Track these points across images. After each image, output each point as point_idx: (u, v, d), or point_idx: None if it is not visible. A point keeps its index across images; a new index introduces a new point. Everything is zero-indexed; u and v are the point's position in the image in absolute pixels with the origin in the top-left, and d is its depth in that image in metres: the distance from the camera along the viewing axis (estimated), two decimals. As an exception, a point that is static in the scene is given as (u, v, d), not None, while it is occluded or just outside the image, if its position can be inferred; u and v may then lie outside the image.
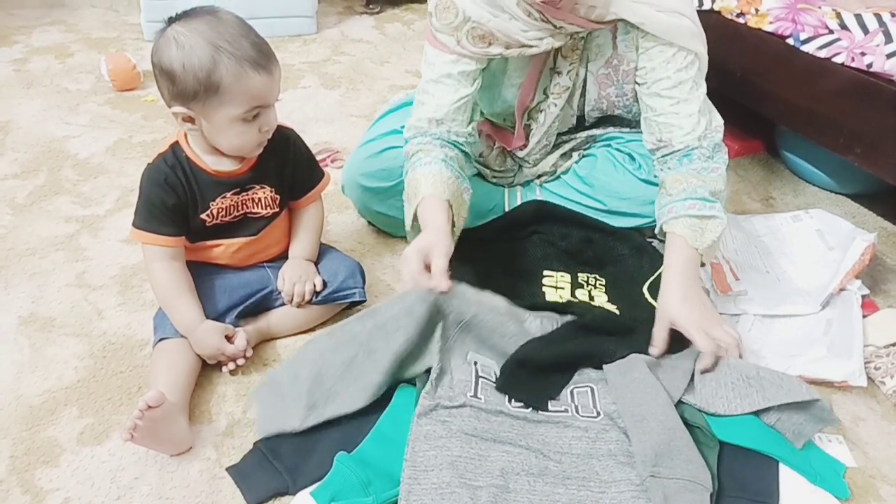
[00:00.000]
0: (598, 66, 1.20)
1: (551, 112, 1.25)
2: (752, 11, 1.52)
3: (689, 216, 1.09)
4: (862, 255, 1.23)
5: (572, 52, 1.18)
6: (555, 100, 1.24)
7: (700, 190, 1.10)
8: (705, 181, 1.11)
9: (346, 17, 2.68)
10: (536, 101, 1.25)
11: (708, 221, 1.09)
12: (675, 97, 1.14)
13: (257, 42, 0.96)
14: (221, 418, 1.00)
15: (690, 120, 1.13)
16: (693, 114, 1.13)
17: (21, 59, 2.13)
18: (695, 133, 1.13)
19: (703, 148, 1.13)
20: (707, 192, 1.10)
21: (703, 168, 1.13)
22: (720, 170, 1.13)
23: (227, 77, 0.93)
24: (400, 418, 0.96)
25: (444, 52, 1.15)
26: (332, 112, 1.93)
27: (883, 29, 1.30)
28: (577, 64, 1.20)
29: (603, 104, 1.25)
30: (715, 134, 1.15)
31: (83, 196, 1.50)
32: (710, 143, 1.14)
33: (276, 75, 0.98)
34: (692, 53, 1.13)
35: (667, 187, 1.14)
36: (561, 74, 1.21)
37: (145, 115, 1.83)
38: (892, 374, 1.10)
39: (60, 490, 0.90)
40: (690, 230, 1.09)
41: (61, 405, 1.01)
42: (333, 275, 1.15)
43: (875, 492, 0.95)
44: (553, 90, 1.23)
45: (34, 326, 1.15)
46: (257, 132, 1.01)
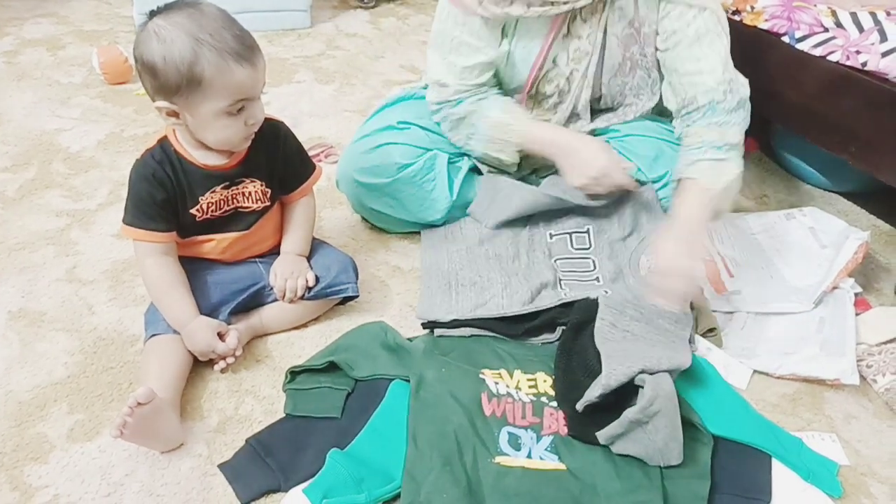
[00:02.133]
0: (621, 28, 1.19)
1: (574, 79, 1.25)
2: (747, 9, 1.52)
3: (703, 160, 1.12)
4: (855, 254, 1.23)
5: (592, 16, 1.18)
6: (576, 66, 1.23)
7: (717, 140, 1.12)
8: (724, 133, 1.12)
9: (340, 11, 2.67)
10: (545, 70, 1.25)
11: (722, 164, 1.11)
12: (697, 55, 1.14)
13: (240, 34, 0.95)
14: (213, 415, 1.00)
15: (714, 75, 1.14)
16: (716, 69, 1.13)
17: (12, 52, 2.11)
18: (720, 87, 1.13)
19: (727, 101, 1.14)
20: (723, 142, 1.12)
21: (724, 121, 1.13)
22: (740, 125, 1.14)
23: (209, 70, 0.92)
24: (393, 415, 0.96)
25: (464, 13, 1.15)
26: (325, 107, 1.92)
27: (878, 27, 1.30)
28: (597, 28, 1.19)
29: (626, 66, 1.24)
30: (741, 88, 1.15)
31: (74, 190, 1.49)
32: (734, 97, 1.14)
33: (260, 67, 0.97)
34: (712, 12, 1.13)
35: (686, 141, 1.15)
36: (581, 38, 1.21)
37: (137, 109, 1.82)
38: (885, 372, 1.11)
39: (50, 487, 0.89)
40: (702, 172, 1.11)
41: (51, 401, 1.01)
42: (326, 270, 1.15)
43: (866, 489, 0.96)
44: (573, 55, 1.23)
45: (24, 321, 1.14)
46: (243, 125, 0.99)
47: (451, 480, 0.86)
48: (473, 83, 1.25)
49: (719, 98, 1.13)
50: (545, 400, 1.00)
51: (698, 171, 1.12)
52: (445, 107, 1.27)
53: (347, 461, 0.89)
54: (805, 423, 1.05)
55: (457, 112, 1.26)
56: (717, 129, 1.13)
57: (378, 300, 1.23)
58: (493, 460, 0.90)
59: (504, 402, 0.98)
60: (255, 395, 1.03)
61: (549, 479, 0.89)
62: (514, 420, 0.96)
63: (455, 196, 1.31)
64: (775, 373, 1.11)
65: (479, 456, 0.91)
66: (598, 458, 0.92)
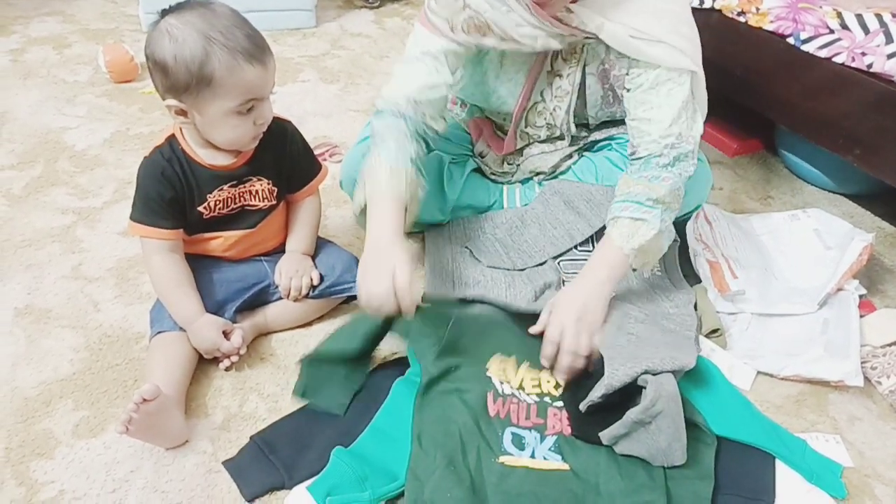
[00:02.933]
0: (596, 66, 1.19)
1: (558, 116, 1.25)
2: (752, 10, 1.52)
3: (621, 217, 1.09)
4: (860, 256, 1.23)
5: (571, 56, 1.18)
6: (559, 103, 1.23)
7: (641, 196, 1.08)
8: (650, 188, 1.08)
9: (345, 11, 2.67)
10: (532, 102, 1.25)
11: (639, 224, 1.07)
12: (650, 102, 1.10)
13: (251, 34, 0.95)
14: (218, 412, 1.00)
15: (660, 126, 1.09)
16: (664, 120, 1.09)
17: (18, 50, 2.12)
18: (661, 142, 1.09)
19: (664, 157, 1.09)
20: (646, 197, 1.08)
21: (654, 176, 1.09)
22: (672, 180, 1.09)
23: (219, 69, 0.92)
24: (397, 414, 0.96)
25: (433, 35, 1.12)
26: (330, 106, 1.92)
27: (884, 29, 1.30)
28: (576, 67, 1.19)
29: (609, 97, 1.23)
30: (684, 144, 1.10)
31: (80, 188, 1.49)
32: (674, 153, 1.09)
33: (270, 67, 0.97)
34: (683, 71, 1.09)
35: (617, 190, 1.12)
36: (562, 77, 1.20)
37: (143, 108, 1.83)
38: (889, 373, 1.10)
39: (55, 482, 0.89)
40: (618, 230, 1.08)
41: (56, 397, 1.01)
42: (330, 269, 1.15)
43: (871, 491, 0.96)
44: (556, 93, 1.22)
45: (30, 318, 1.15)
46: (252, 125, 1.00)
47: (455, 480, 0.86)
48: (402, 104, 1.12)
49: (657, 152, 1.10)
50: (549, 400, 1.00)
51: (615, 228, 1.09)
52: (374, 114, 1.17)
53: (351, 459, 0.89)
54: (809, 424, 1.05)
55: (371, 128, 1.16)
56: (646, 184, 1.09)
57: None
58: (497, 460, 0.91)
59: (509, 402, 0.99)
60: (260, 393, 1.04)
61: (552, 479, 0.89)
62: (518, 421, 0.97)
63: (457, 196, 1.31)
64: (779, 374, 1.11)
65: (483, 456, 0.91)
66: (602, 459, 0.92)
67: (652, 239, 1.07)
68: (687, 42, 1.09)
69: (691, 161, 1.11)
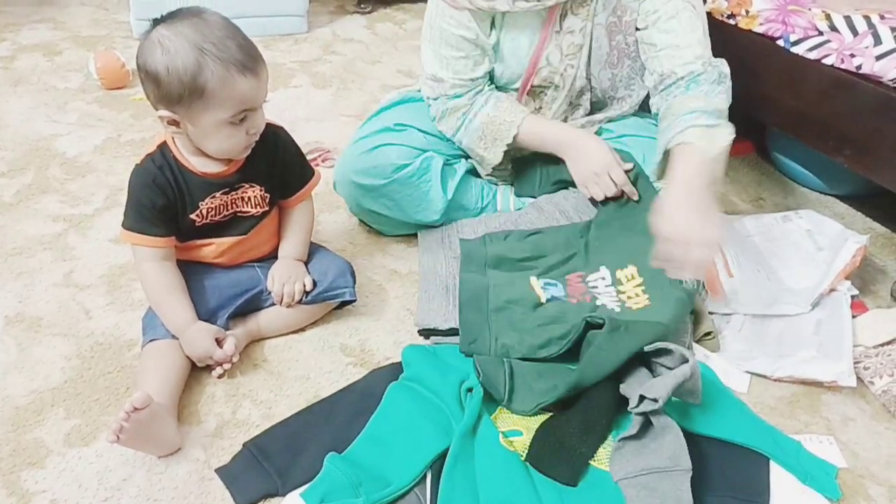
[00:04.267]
0: (605, 16, 1.20)
1: (568, 75, 1.26)
2: (742, 13, 1.53)
3: (695, 126, 1.09)
4: (853, 257, 1.23)
5: (581, 8, 1.18)
6: (570, 61, 1.24)
7: (706, 106, 1.10)
8: (710, 101, 1.11)
9: (337, 16, 2.68)
10: (540, 67, 1.26)
11: (715, 129, 1.09)
12: (675, 29, 1.13)
13: (244, 44, 0.95)
14: (210, 419, 1.00)
15: (692, 49, 1.13)
16: (693, 43, 1.13)
17: (9, 57, 2.11)
18: (699, 59, 1.13)
19: (708, 73, 1.13)
20: (713, 107, 1.10)
21: (708, 91, 1.12)
22: (723, 95, 1.13)
23: (212, 81, 0.92)
24: (390, 419, 0.96)
25: (453, 7, 1.15)
26: (322, 112, 1.92)
27: (872, 31, 1.31)
28: (587, 19, 1.20)
29: (614, 56, 1.25)
30: (721, 64, 1.14)
31: (71, 195, 1.48)
32: (715, 70, 1.13)
33: (263, 77, 0.97)
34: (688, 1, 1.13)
35: (672, 111, 1.13)
36: (573, 33, 1.21)
37: (134, 114, 1.82)
38: (882, 374, 1.11)
39: (47, 492, 0.89)
40: (698, 138, 1.08)
41: (48, 406, 1.00)
42: (323, 274, 1.15)
43: (864, 491, 0.96)
44: (567, 51, 1.23)
45: (21, 326, 1.14)
46: (244, 135, 0.99)
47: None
48: (469, 77, 1.26)
49: (699, 70, 1.13)
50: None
51: (693, 136, 1.08)
52: (441, 99, 1.28)
53: (345, 465, 0.89)
54: (803, 425, 1.05)
55: (452, 104, 1.28)
56: (704, 98, 1.11)
57: (375, 304, 1.23)
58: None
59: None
60: (253, 400, 1.03)
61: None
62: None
63: (450, 197, 1.32)
64: (773, 375, 1.11)
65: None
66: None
67: (727, 146, 1.08)
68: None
69: (729, 84, 1.14)
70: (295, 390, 1.05)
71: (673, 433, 0.91)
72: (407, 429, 0.94)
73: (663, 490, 0.86)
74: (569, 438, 0.94)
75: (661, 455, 0.89)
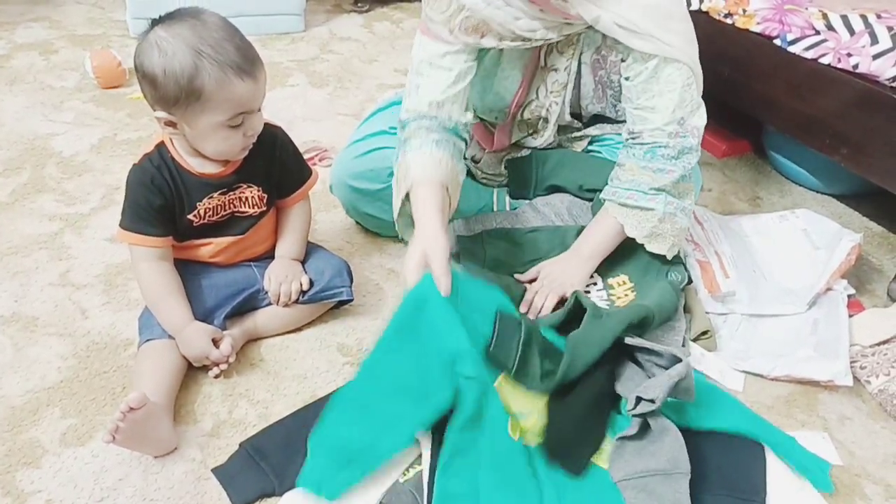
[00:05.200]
0: (589, 55, 1.19)
1: (553, 111, 1.26)
2: (739, 12, 1.53)
3: (626, 205, 1.15)
4: (848, 255, 1.24)
5: (568, 47, 1.18)
6: (555, 98, 1.24)
7: (644, 185, 1.13)
8: (655, 178, 1.13)
9: (334, 15, 2.67)
10: (528, 100, 1.25)
11: (645, 213, 1.14)
12: (651, 90, 1.11)
13: (242, 46, 0.94)
14: (207, 419, 0.99)
15: (663, 115, 1.11)
16: (666, 108, 1.11)
17: (4, 56, 2.10)
18: (665, 129, 1.11)
19: (670, 148, 1.12)
20: (649, 186, 1.13)
21: (659, 168, 1.12)
22: (676, 172, 1.12)
23: (209, 84, 0.91)
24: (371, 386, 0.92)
25: (436, 42, 1.13)
26: (319, 111, 1.92)
27: (869, 30, 1.31)
28: (573, 59, 1.19)
29: (599, 90, 1.24)
30: (688, 137, 1.11)
31: (67, 194, 1.48)
32: (679, 145, 1.11)
33: (261, 80, 0.97)
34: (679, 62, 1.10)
35: (618, 173, 1.17)
36: (558, 71, 1.21)
37: (130, 113, 1.82)
38: (878, 373, 1.11)
39: (42, 492, 0.88)
40: (625, 217, 1.16)
41: (44, 406, 1.00)
42: (320, 274, 1.14)
43: (860, 490, 0.96)
44: (552, 88, 1.23)
45: (16, 326, 1.14)
46: (242, 137, 0.99)
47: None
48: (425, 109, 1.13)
49: (662, 142, 1.11)
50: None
51: (622, 214, 1.16)
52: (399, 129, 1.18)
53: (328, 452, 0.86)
54: (799, 424, 1.05)
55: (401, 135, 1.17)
56: (651, 174, 1.12)
57: (372, 303, 1.23)
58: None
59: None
60: (249, 399, 1.03)
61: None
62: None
63: None
64: (769, 374, 1.11)
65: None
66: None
67: (657, 223, 1.14)
68: (677, 37, 1.09)
69: (695, 154, 1.14)
70: (292, 390, 1.05)
71: (672, 435, 0.91)
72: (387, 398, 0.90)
73: (662, 493, 0.86)
74: (577, 431, 0.94)
75: (660, 457, 0.89)
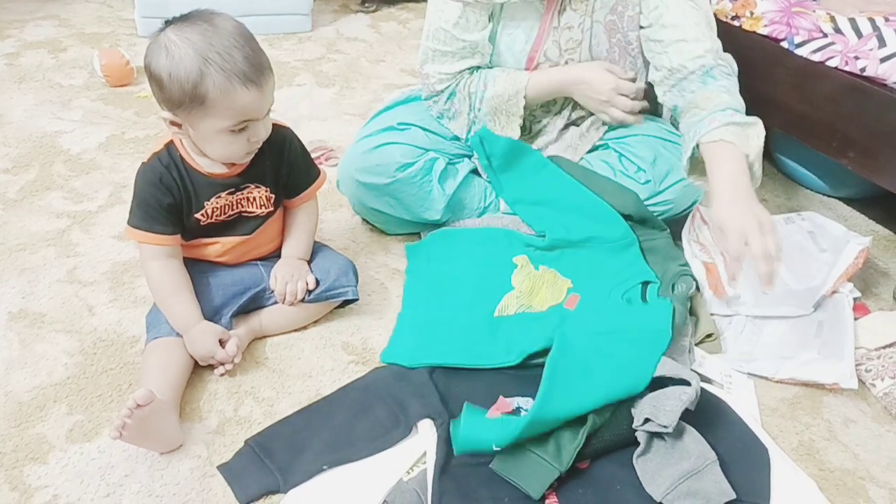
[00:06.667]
0: (604, 14, 1.19)
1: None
2: (746, 14, 1.53)
3: (731, 124, 1.09)
4: (856, 259, 1.23)
5: (580, 3, 1.18)
6: (570, 56, 1.25)
7: (734, 103, 1.11)
8: (734, 97, 1.12)
9: (341, 15, 2.68)
10: (537, 64, 1.26)
11: (749, 129, 1.10)
12: (679, 23, 1.13)
13: (251, 55, 0.94)
14: (212, 416, 1.00)
15: (701, 43, 1.13)
16: (701, 37, 1.13)
17: (13, 54, 2.12)
18: (709, 52, 1.13)
19: (723, 65, 1.13)
20: (740, 104, 1.12)
21: (730, 85, 1.13)
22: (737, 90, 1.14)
23: (213, 90, 0.91)
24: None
25: (451, 2, 1.16)
26: (326, 110, 1.93)
27: (877, 33, 1.31)
28: (585, 15, 1.20)
29: (614, 54, 1.25)
30: (729, 58, 1.15)
31: (75, 192, 1.49)
32: (727, 61, 1.14)
33: (266, 90, 0.96)
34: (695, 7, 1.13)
35: (699, 105, 1.13)
36: (572, 29, 1.21)
37: (138, 111, 1.82)
38: (883, 376, 1.11)
39: (49, 487, 0.89)
40: (737, 136, 1.08)
41: (50, 402, 1.01)
42: (326, 273, 1.15)
43: (865, 493, 0.96)
44: (566, 46, 1.23)
45: (24, 322, 1.14)
46: (245, 142, 0.99)
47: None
48: (450, 72, 1.26)
49: (710, 63, 1.12)
50: None
51: (731, 135, 1.07)
52: (440, 100, 1.29)
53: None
54: (804, 427, 1.05)
55: (453, 107, 1.28)
56: (728, 93, 1.11)
57: (378, 303, 1.23)
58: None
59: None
60: (255, 397, 1.03)
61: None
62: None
63: (450, 195, 1.32)
64: (774, 377, 1.11)
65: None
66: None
67: (762, 144, 1.10)
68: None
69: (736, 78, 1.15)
70: (297, 388, 1.05)
71: (687, 432, 0.92)
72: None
73: (705, 489, 0.87)
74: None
75: (688, 458, 0.90)
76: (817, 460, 1.00)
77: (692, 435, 0.92)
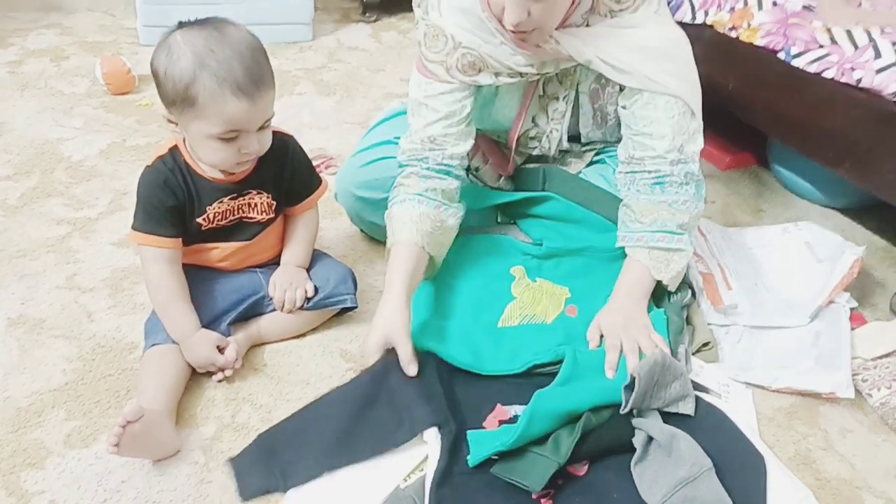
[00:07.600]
0: (588, 84, 1.20)
1: (554, 137, 1.26)
2: (744, 25, 1.54)
3: (654, 248, 1.12)
4: (851, 269, 1.24)
5: (566, 77, 1.19)
6: (555, 125, 1.25)
7: (669, 223, 1.11)
8: (675, 214, 1.12)
9: (342, 24, 2.69)
10: (525, 129, 1.26)
11: (674, 254, 1.12)
12: (650, 116, 1.11)
13: (252, 67, 0.95)
14: (210, 423, 1.00)
15: (664, 142, 1.10)
16: (666, 135, 1.10)
17: (16, 62, 2.13)
18: (667, 157, 1.11)
19: (675, 175, 1.11)
20: (676, 224, 1.11)
21: (674, 200, 1.12)
22: (689, 202, 1.12)
23: (203, 95, 0.93)
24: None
25: (432, 80, 1.15)
26: (326, 119, 1.94)
27: (872, 44, 1.32)
28: (570, 88, 1.20)
29: (598, 118, 1.25)
30: (689, 163, 1.12)
31: (75, 198, 1.50)
32: (681, 171, 1.11)
33: (261, 104, 0.96)
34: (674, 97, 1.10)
35: (636, 214, 1.14)
36: (558, 99, 1.22)
37: (139, 119, 1.83)
38: (880, 386, 1.11)
39: (46, 493, 0.89)
40: (655, 261, 1.12)
41: (49, 407, 1.01)
42: (325, 281, 1.15)
43: (861, 503, 0.96)
44: (553, 116, 1.24)
45: (23, 328, 1.15)
46: (236, 152, 0.99)
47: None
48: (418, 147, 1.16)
49: (666, 171, 1.11)
50: None
51: (649, 259, 1.12)
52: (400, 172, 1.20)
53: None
54: (800, 436, 1.05)
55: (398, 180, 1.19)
56: (668, 209, 1.11)
57: (375, 311, 1.23)
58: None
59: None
60: (252, 404, 1.04)
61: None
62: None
63: None
64: (771, 386, 1.12)
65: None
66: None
67: (685, 264, 1.14)
68: (672, 79, 1.10)
69: (698, 177, 1.14)
70: (295, 395, 1.05)
71: (681, 438, 0.92)
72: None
73: (701, 496, 0.87)
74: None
75: (683, 465, 0.90)
76: (814, 470, 1.00)
77: (688, 442, 0.92)
